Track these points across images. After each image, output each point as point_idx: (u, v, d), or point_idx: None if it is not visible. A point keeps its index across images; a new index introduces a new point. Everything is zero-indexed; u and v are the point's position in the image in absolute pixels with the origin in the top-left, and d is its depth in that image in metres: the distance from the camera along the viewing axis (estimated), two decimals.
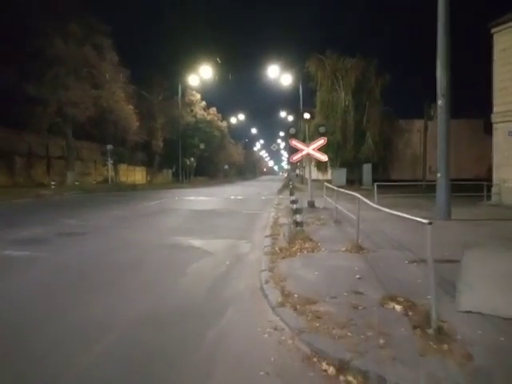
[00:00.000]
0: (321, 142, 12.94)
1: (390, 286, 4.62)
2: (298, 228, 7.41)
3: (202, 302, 4.53)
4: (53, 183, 22.95)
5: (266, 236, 8.22)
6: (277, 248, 6.76)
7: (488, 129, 38.61)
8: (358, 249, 6.53)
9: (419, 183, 25.37)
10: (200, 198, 21.38)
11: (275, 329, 3.67)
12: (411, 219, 4.03)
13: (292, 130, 13.07)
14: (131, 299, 4.66)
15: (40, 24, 21.91)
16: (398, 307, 3.91)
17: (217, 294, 4.84)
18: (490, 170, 31.37)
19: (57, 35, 22.98)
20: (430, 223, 3.36)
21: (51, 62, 22.90)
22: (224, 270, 5.94)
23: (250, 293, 4.81)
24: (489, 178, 17.56)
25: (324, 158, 13.27)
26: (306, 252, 6.40)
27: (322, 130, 12.78)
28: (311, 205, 13.10)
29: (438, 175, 10.56)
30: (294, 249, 6.56)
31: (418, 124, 37.83)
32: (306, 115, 12.80)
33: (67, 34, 24.13)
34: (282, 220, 10.46)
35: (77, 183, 27.33)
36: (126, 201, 18.65)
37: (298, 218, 7.41)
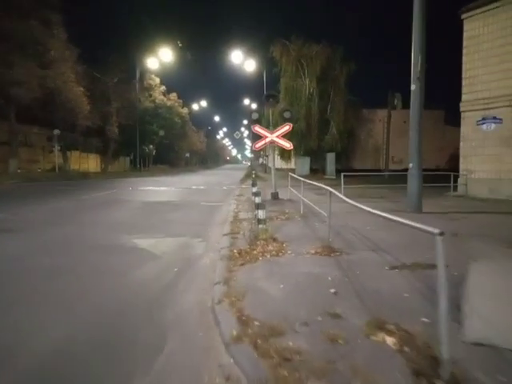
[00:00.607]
0: (286, 128, 11.96)
1: (372, 304, 3.72)
2: (261, 226, 6.40)
3: (133, 330, 3.44)
4: None
5: (224, 234, 7.16)
6: (235, 251, 5.72)
7: (449, 119, 39.41)
8: (330, 250, 5.62)
9: (383, 173, 25.13)
10: (156, 188, 19.95)
11: (227, 379, 2.64)
12: (400, 221, 3.10)
13: (254, 115, 11.95)
14: (40, 323, 3.50)
15: None
16: (389, 340, 2.99)
17: (155, 316, 3.75)
18: (450, 161, 31.91)
19: None
20: (441, 234, 2.43)
21: None
22: (170, 280, 4.84)
23: (199, 316, 3.75)
24: (449, 169, 17.38)
25: (289, 145, 12.31)
26: (269, 256, 5.41)
27: (287, 115, 11.77)
28: (275, 197, 12.15)
29: (410, 165, 9.88)
30: (256, 251, 5.55)
31: (381, 114, 37.89)
32: (270, 100, 11.72)
33: (11, 6, 21.53)
34: (243, 214, 9.43)
35: (19, 171, 24.91)
36: (71, 191, 16.93)
37: (261, 214, 6.40)
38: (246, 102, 60.22)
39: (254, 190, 10.89)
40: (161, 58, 39.92)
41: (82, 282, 4.75)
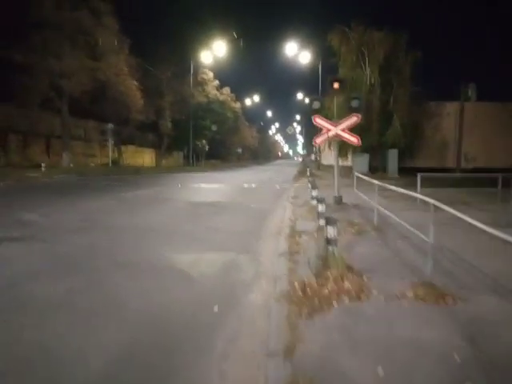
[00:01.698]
0: (353, 120, 10.08)
1: None
2: (331, 248, 4.74)
3: None
4: (43, 165, 20.63)
5: (281, 254, 5.57)
6: (297, 284, 4.13)
7: None
8: (435, 293, 3.86)
9: (460, 174, 22.22)
10: (206, 186, 18.81)
11: None
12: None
13: (316, 104, 10.14)
14: None
15: None
16: None
17: None
18: None
19: None
20: None
21: (39, 26, 20.23)
22: (203, 332, 3.36)
23: None
24: None
25: (356, 140, 10.42)
26: (347, 300, 3.75)
27: (355, 104, 9.89)
28: (338, 201, 10.34)
29: None
30: (327, 290, 3.91)
31: (450, 107, 34.33)
32: (336, 84, 9.87)
33: None
34: (302, 224, 7.79)
35: (72, 165, 24.92)
36: (117, 187, 16.17)
37: (331, 232, 4.73)
38: (300, 96, 58.37)
39: (315, 193, 9.23)
40: (215, 51, 39.11)
41: (81, 329, 3.40)
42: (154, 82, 35.03)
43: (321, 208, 6.80)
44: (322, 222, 6.84)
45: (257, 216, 9.71)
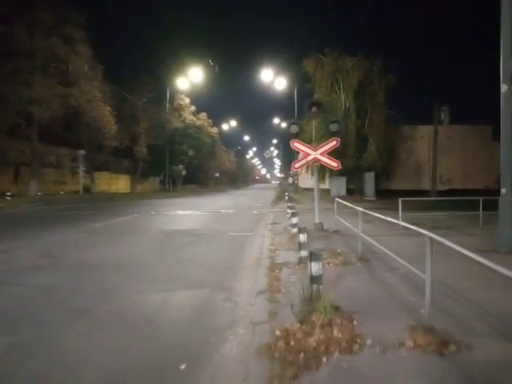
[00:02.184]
0: (332, 144, 9.77)
1: None
2: (315, 287, 4.22)
3: None
4: (8, 194, 19.54)
5: (260, 292, 5.01)
6: (278, 333, 3.58)
7: (498, 135, 36.20)
8: (435, 339, 3.37)
9: (437, 199, 22.35)
10: (182, 212, 18.15)
11: None
12: None
13: (294, 128, 9.80)
14: None
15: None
16: None
17: None
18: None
19: (19, 23, 19.69)
20: None
21: (10, 55, 19.62)
22: None
23: None
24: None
25: (336, 165, 10.11)
26: (337, 352, 3.21)
27: (333, 127, 9.61)
28: (319, 228, 9.89)
29: (503, 191, 7.46)
30: (313, 340, 3.37)
31: (423, 130, 35.19)
32: (314, 108, 9.59)
33: (33, 23, 20.83)
34: (282, 255, 7.27)
35: (39, 194, 23.79)
36: (86, 217, 15.30)
37: (315, 269, 4.23)
38: (276, 120, 58.85)
39: (294, 220, 8.77)
40: (191, 77, 39.10)
41: None
42: (130, 108, 34.54)
43: (302, 238, 6.31)
44: (303, 252, 6.35)
45: (234, 246, 9.15)
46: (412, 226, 4.28)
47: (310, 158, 9.78)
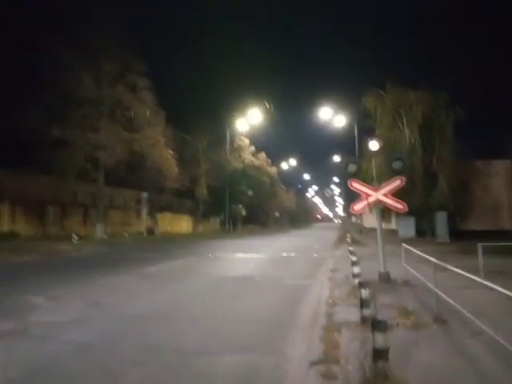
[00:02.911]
0: (396, 183, 8.89)
1: None
2: (380, 365, 3.41)
3: None
4: (75, 237, 20.48)
5: (313, 362, 4.24)
6: None
7: None
8: None
9: None
10: (240, 256, 17.73)
11: None
12: None
13: (351, 167, 9.06)
14: None
15: (69, 61, 20.48)
16: None
17: None
18: None
19: (87, 73, 21.47)
20: None
21: (79, 103, 21.31)
22: None
23: None
24: None
25: (402, 207, 9.15)
26: None
27: (397, 165, 8.74)
28: (385, 278, 8.83)
29: None
30: None
31: (498, 165, 32.39)
32: (374, 145, 8.86)
33: (99, 73, 22.64)
34: (342, 311, 6.41)
35: (105, 236, 24.79)
36: (144, 260, 15.37)
37: (379, 340, 3.44)
38: (337, 158, 57.91)
39: (356, 270, 7.88)
40: (250, 118, 40.04)
41: None
42: (190, 151, 35.81)
43: (364, 294, 5.47)
44: (366, 311, 5.48)
45: (290, 296, 8.42)
46: (498, 287, 3.36)
47: (371, 199, 8.93)
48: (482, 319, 5.20)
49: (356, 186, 9.25)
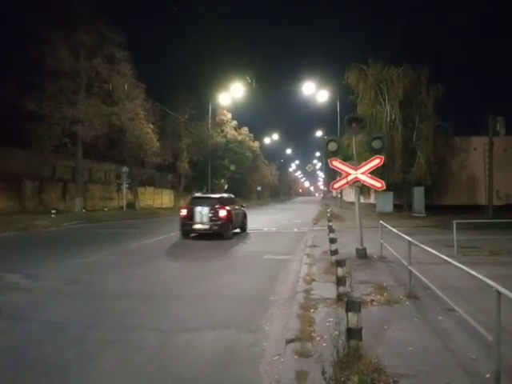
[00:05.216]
0: (375, 162, 8.98)
1: None
2: (353, 343, 3.52)
3: None
4: (53, 211, 20.11)
5: (289, 341, 4.35)
6: None
7: None
8: None
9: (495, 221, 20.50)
10: None
11: None
12: None
13: (332, 146, 9.11)
14: None
15: (44, 32, 19.58)
16: None
17: None
18: None
19: (62, 45, 20.59)
20: None
21: (55, 76, 20.53)
22: None
23: None
24: None
25: (380, 185, 9.28)
26: None
27: (376, 144, 8.79)
28: (362, 255, 9.04)
29: None
30: None
31: (476, 141, 32.86)
32: (354, 124, 8.88)
33: (76, 45, 21.74)
34: (319, 288, 6.56)
35: (84, 210, 24.45)
36: (124, 235, 15.29)
37: (352, 320, 3.54)
38: (319, 133, 57.97)
39: (334, 247, 8.03)
40: (232, 92, 39.33)
41: None
42: (172, 125, 35.16)
43: (340, 272, 5.59)
44: (341, 289, 5.62)
45: (268, 271, 8.59)
46: (475, 273, 3.47)
47: (350, 177, 9.01)
48: (454, 295, 5.41)
49: (336, 164, 9.30)
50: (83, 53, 22.36)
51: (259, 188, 71.87)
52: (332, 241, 7.99)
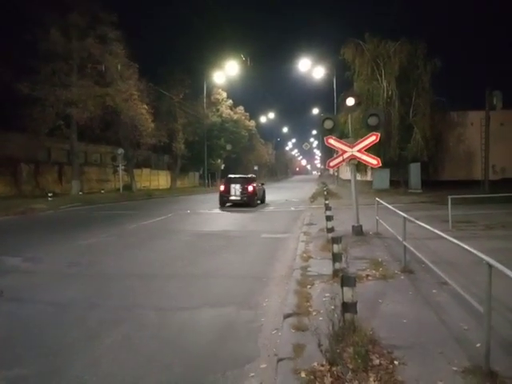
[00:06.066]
0: (371, 139, 8.97)
1: None
2: (348, 317, 3.63)
3: None
4: (50, 195, 20.10)
5: (287, 315, 4.47)
6: (304, 375, 3.05)
7: None
8: None
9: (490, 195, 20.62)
10: (216, 211, 17.90)
11: None
12: None
13: (328, 124, 9.06)
14: None
15: (35, 14, 19.16)
16: None
17: None
18: None
19: (54, 26, 20.17)
20: None
21: (47, 58, 20.19)
22: None
23: None
24: None
25: (376, 162, 9.31)
26: None
27: (372, 121, 8.76)
28: (358, 231, 9.16)
29: None
30: None
31: (473, 116, 32.67)
32: (350, 101, 8.85)
33: (67, 25, 21.30)
34: (316, 264, 6.68)
35: (81, 193, 24.45)
36: (123, 217, 15.37)
37: (347, 295, 3.64)
38: (316, 111, 57.58)
39: (330, 225, 8.13)
40: (227, 71, 38.76)
41: None
42: (166, 105, 34.75)
43: (336, 248, 5.68)
44: (337, 265, 5.73)
45: (266, 250, 8.70)
46: (467, 247, 3.55)
47: (346, 155, 9.02)
48: (448, 269, 5.54)
49: (332, 142, 9.30)
50: (75, 33, 21.93)
51: (256, 167, 71.78)
52: (328, 218, 8.08)
